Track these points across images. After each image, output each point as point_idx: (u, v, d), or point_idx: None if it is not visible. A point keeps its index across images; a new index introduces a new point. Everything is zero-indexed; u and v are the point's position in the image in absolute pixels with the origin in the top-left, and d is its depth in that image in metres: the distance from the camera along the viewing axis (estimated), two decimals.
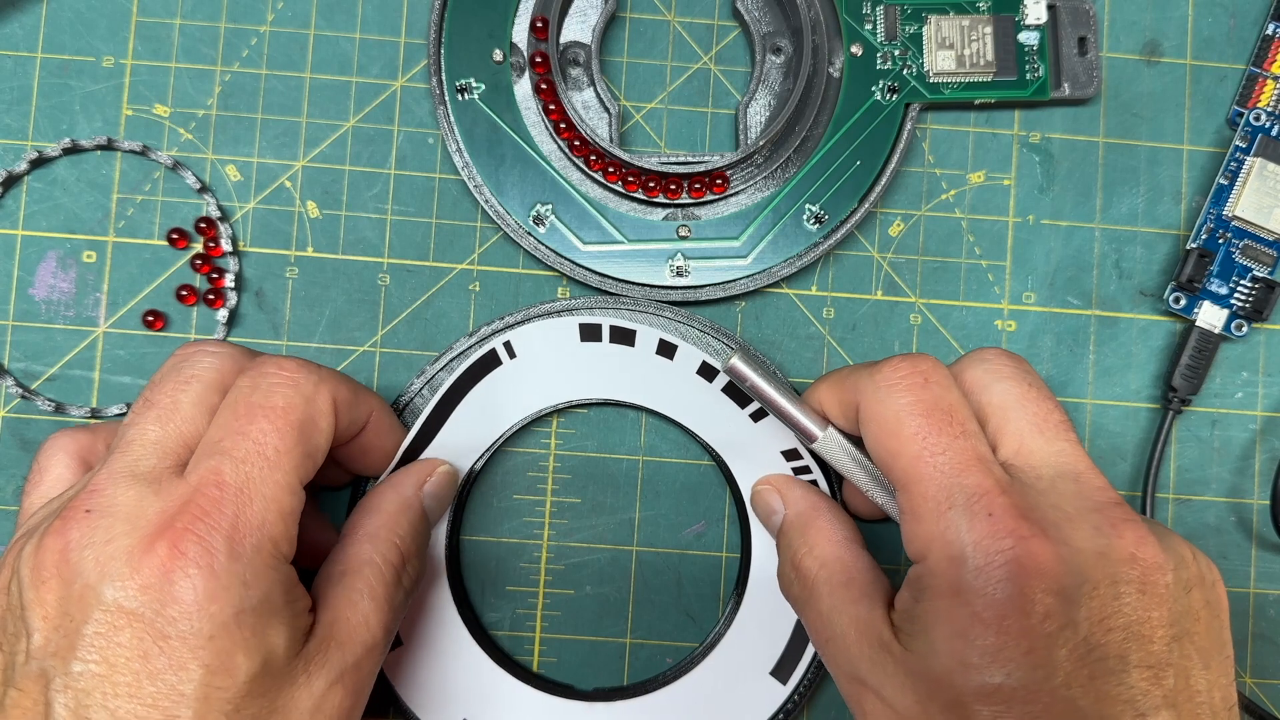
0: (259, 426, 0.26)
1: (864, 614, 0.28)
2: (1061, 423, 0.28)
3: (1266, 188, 0.36)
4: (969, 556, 0.25)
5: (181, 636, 0.24)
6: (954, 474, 0.26)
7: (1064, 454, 0.27)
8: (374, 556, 0.29)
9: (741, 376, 0.31)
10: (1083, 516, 0.26)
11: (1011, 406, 0.28)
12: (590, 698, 0.34)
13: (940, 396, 0.27)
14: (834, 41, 0.36)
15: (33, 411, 0.35)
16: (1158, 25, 0.38)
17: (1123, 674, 0.24)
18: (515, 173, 0.35)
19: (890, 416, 0.27)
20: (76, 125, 0.36)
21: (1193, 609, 0.26)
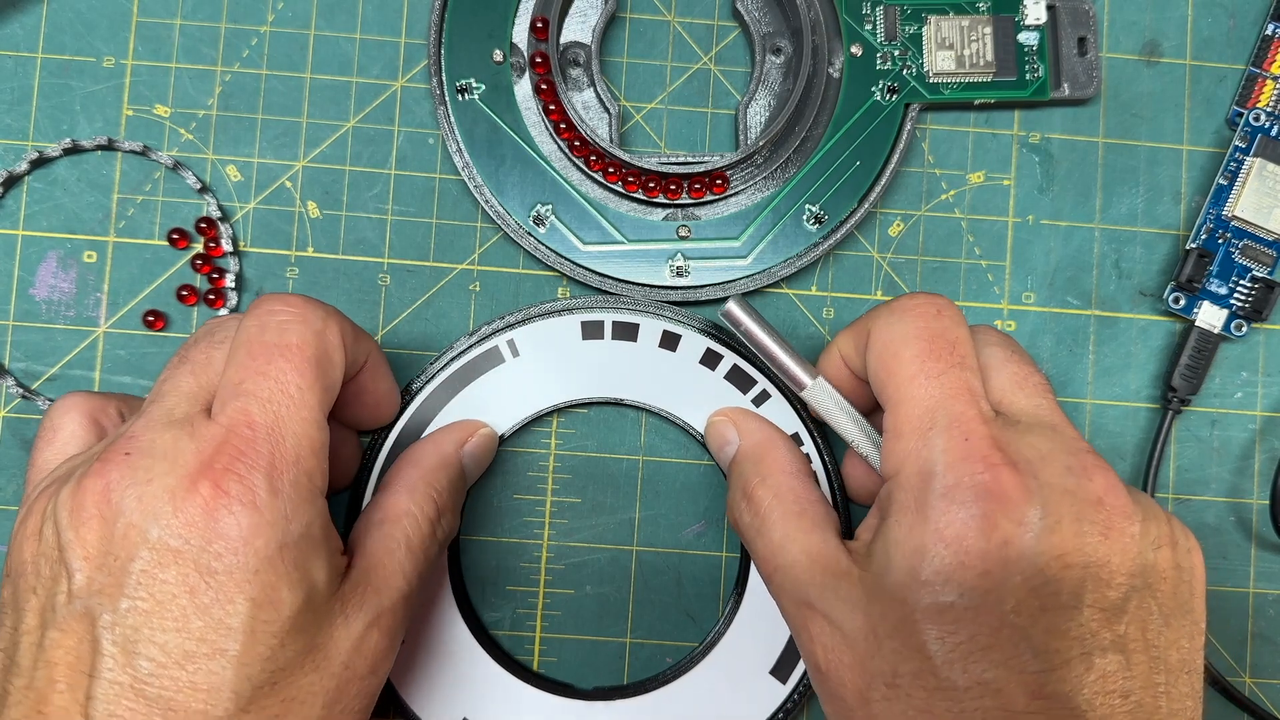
0: (278, 366, 0.26)
1: (817, 543, 0.28)
2: (1042, 384, 0.29)
3: (1266, 188, 0.36)
4: (939, 474, 0.26)
5: (228, 571, 0.24)
6: (942, 398, 0.27)
7: (1042, 408, 0.28)
8: (411, 507, 0.30)
9: (737, 320, 0.31)
10: (1056, 458, 0.26)
11: (995, 366, 0.29)
12: (590, 697, 0.34)
13: (948, 328, 0.28)
14: (834, 42, 0.36)
15: (33, 411, 0.35)
16: (1157, 25, 0.38)
17: (1074, 611, 0.25)
18: (515, 173, 0.35)
19: (895, 338, 0.28)
20: (77, 125, 0.36)
21: (1160, 566, 0.26)
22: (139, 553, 0.24)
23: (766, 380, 0.35)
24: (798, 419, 0.35)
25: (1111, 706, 0.24)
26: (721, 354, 0.35)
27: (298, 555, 0.25)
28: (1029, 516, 0.25)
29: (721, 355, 0.35)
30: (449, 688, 0.34)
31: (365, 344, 0.31)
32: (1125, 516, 0.26)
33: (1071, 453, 0.26)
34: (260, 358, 0.26)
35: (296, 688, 0.25)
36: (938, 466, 0.26)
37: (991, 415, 0.27)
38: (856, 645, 0.26)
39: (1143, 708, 0.25)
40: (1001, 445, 0.26)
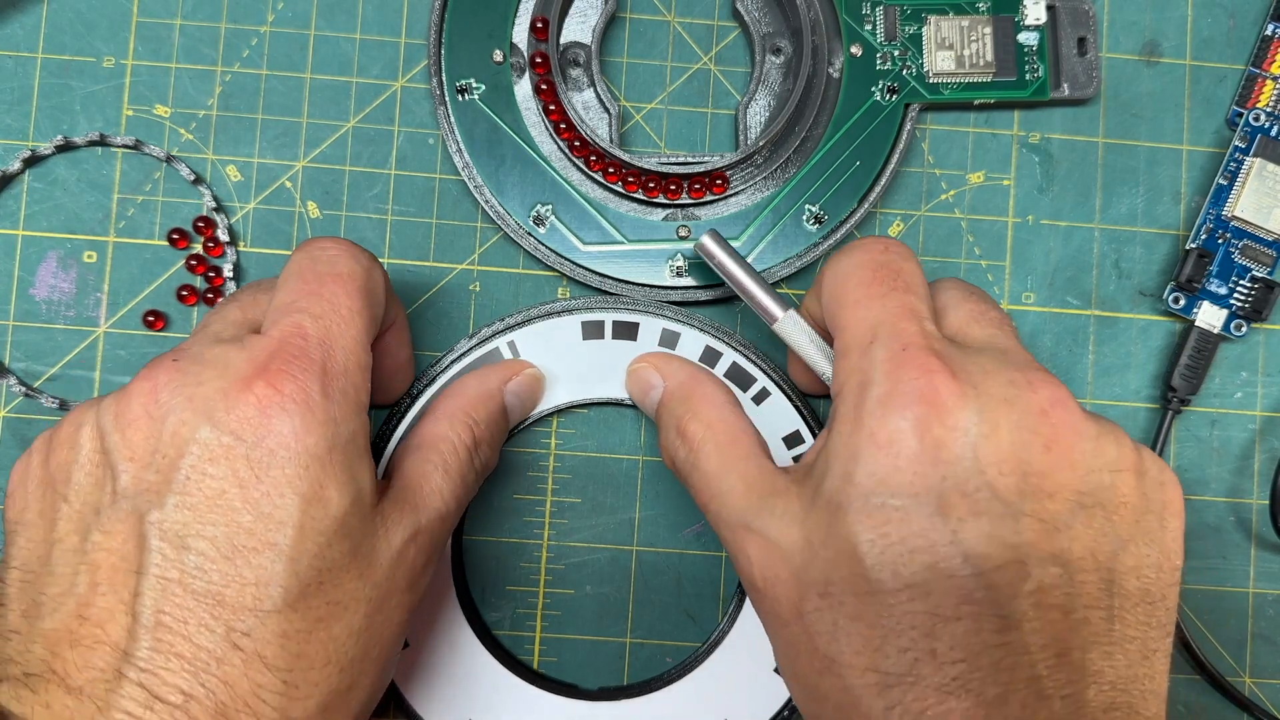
0: (330, 289, 0.27)
1: (752, 468, 0.28)
2: (1000, 319, 0.29)
3: (1266, 188, 0.36)
4: (876, 383, 0.26)
5: (280, 465, 0.25)
6: (885, 318, 0.27)
7: (997, 338, 0.28)
8: (449, 434, 0.31)
9: (710, 254, 0.32)
10: (1000, 372, 0.26)
11: (953, 304, 0.29)
12: (594, 697, 0.34)
13: (893, 260, 0.28)
14: (834, 42, 0.36)
15: (35, 411, 0.35)
16: (1157, 25, 0.38)
17: (1009, 519, 0.24)
18: (515, 173, 0.35)
19: (843, 270, 0.29)
20: (77, 126, 0.36)
21: (1119, 490, 0.26)
22: (188, 449, 0.25)
23: (765, 378, 0.35)
24: (798, 416, 0.35)
25: (1049, 620, 0.24)
26: (721, 351, 0.35)
27: (345, 458, 0.26)
28: (964, 421, 0.25)
29: (721, 353, 0.35)
30: (453, 689, 0.34)
31: (397, 304, 0.32)
32: (1073, 431, 0.25)
33: (1018, 368, 0.26)
34: (312, 282, 0.28)
35: (342, 591, 0.26)
36: (875, 375, 0.26)
37: (935, 334, 0.27)
38: (792, 559, 0.26)
39: (1087, 625, 0.24)
40: (941, 355, 0.26)
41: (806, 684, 0.26)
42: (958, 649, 0.23)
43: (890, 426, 0.25)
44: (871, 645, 0.24)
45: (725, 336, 0.35)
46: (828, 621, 0.25)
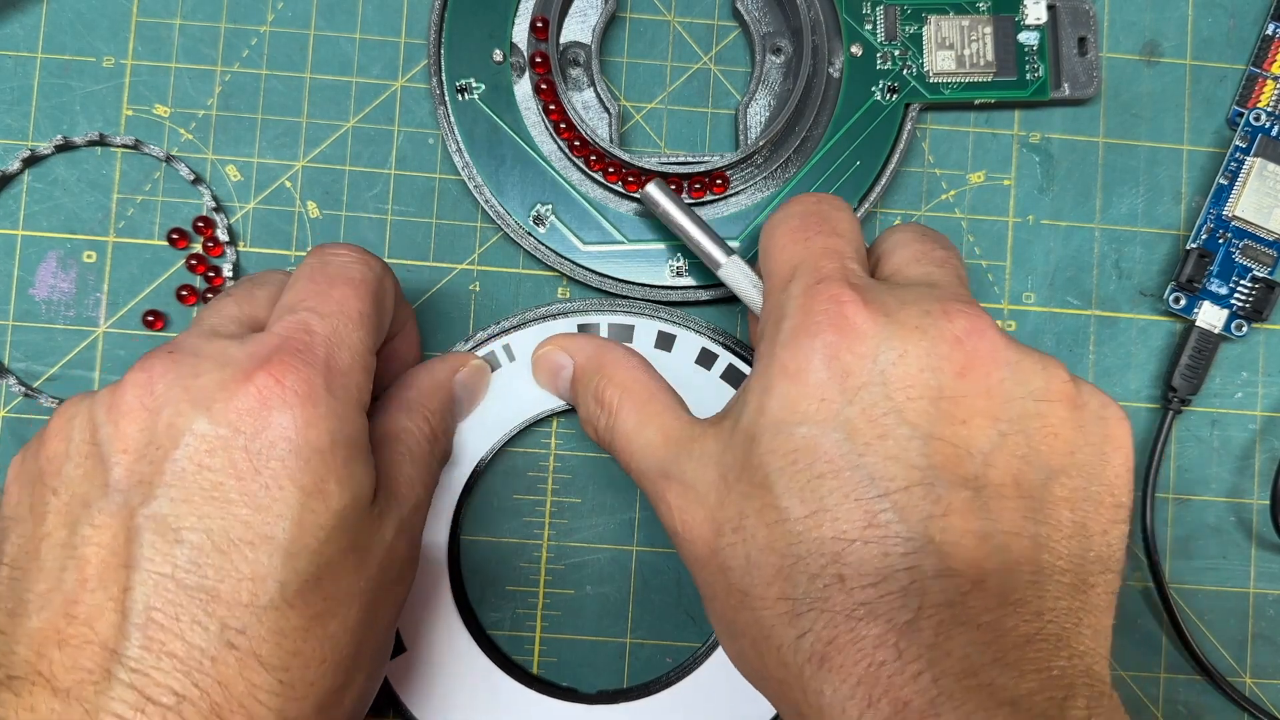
0: (340, 291, 0.27)
1: (670, 420, 0.29)
2: (943, 258, 0.28)
3: (1266, 188, 0.36)
4: (789, 315, 0.26)
5: (280, 458, 0.24)
6: (806, 257, 0.27)
7: (931, 275, 0.27)
8: (410, 425, 0.30)
9: (655, 202, 0.32)
10: (917, 303, 0.26)
11: (900, 246, 0.29)
12: (593, 700, 0.34)
13: (822, 209, 0.28)
14: (834, 42, 0.36)
15: (34, 411, 0.35)
16: (1157, 25, 0.38)
17: (916, 441, 0.24)
18: (515, 173, 0.35)
19: (775, 220, 0.29)
20: (77, 125, 0.36)
21: (1047, 420, 0.25)
22: (184, 441, 0.24)
23: None
24: None
25: (962, 546, 0.23)
26: (717, 354, 0.35)
27: (347, 454, 0.26)
28: (871, 348, 0.24)
29: (717, 355, 0.35)
30: (451, 693, 0.34)
31: (406, 310, 0.32)
32: (988, 359, 0.25)
33: (938, 300, 0.26)
34: (322, 283, 0.27)
35: (338, 587, 0.25)
36: (789, 308, 0.26)
37: (856, 270, 0.27)
38: (708, 499, 0.26)
39: (1007, 551, 0.24)
40: (855, 287, 0.26)
41: (725, 621, 0.26)
42: (866, 574, 0.23)
43: (800, 355, 0.25)
44: (781, 574, 0.24)
45: (722, 338, 0.35)
46: (740, 555, 0.25)
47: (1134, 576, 0.37)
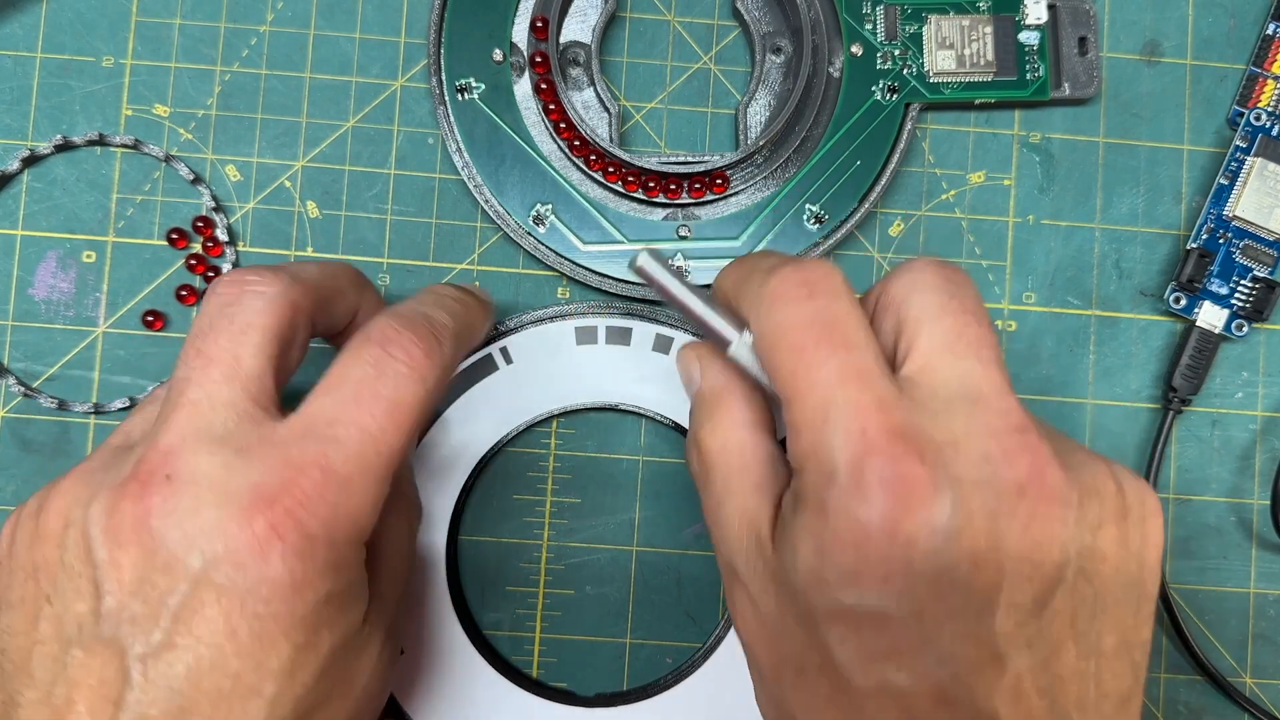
0: (380, 423, 0.25)
1: (751, 506, 0.26)
2: (977, 339, 0.25)
3: (1267, 188, 0.36)
4: (838, 474, 0.23)
5: (274, 616, 0.23)
6: (831, 388, 0.24)
7: (970, 374, 0.24)
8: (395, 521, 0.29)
9: (649, 277, 0.27)
10: (973, 443, 0.23)
11: (926, 320, 0.25)
12: (592, 703, 0.34)
13: (825, 308, 0.25)
14: (834, 41, 0.36)
15: (34, 411, 0.35)
16: (1158, 25, 0.38)
17: (987, 615, 0.23)
18: (515, 173, 0.35)
19: (771, 331, 0.25)
20: (77, 125, 0.36)
21: (1100, 549, 0.24)
22: (179, 585, 0.23)
23: None
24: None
25: (1028, 706, 0.23)
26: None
27: (343, 601, 0.25)
28: (935, 515, 0.22)
29: None
30: (450, 696, 0.33)
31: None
32: (1054, 502, 0.23)
33: (992, 434, 0.23)
34: (366, 406, 0.25)
35: (325, 714, 0.25)
36: (837, 466, 0.23)
37: (893, 399, 0.24)
38: (770, 625, 0.25)
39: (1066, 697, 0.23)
40: (904, 433, 0.23)
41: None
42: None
43: (857, 524, 0.23)
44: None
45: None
46: (803, 700, 0.25)
47: None
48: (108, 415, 0.35)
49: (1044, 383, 0.37)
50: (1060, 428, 0.37)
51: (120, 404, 0.35)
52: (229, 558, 0.23)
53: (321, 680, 0.25)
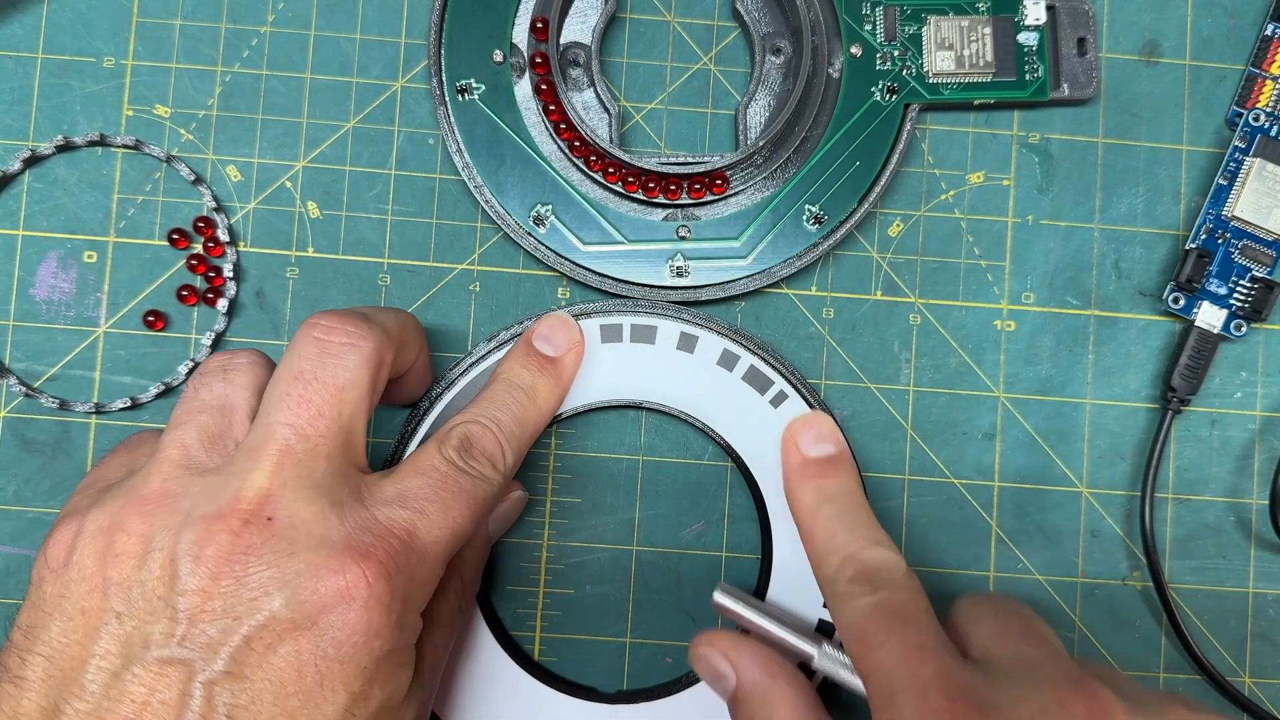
0: (460, 511, 0.28)
1: None
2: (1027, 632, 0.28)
3: (1265, 188, 0.36)
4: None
5: (341, 661, 0.25)
6: (897, 663, 0.26)
7: (1027, 656, 0.27)
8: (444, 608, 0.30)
9: (727, 610, 0.31)
10: (1031, 697, 0.25)
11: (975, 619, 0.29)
12: (614, 700, 0.34)
13: (890, 598, 0.28)
14: (833, 42, 0.36)
15: (35, 411, 0.35)
16: (1157, 26, 0.38)
17: None
18: (515, 173, 0.35)
19: (846, 623, 0.28)
20: (77, 126, 0.36)
21: None
22: (258, 619, 0.24)
23: (783, 381, 0.35)
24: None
25: None
26: (739, 355, 0.35)
27: (399, 660, 0.26)
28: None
29: (739, 356, 0.35)
30: (473, 691, 0.34)
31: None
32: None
33: (1051, 686, 0.25)
34: (451, 494, 0.28)
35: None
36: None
37: (954, 667, 0.26)
38: None
39: None
40: (965, 693, 0.25)
41: None
42: None
43: None
44: None
45: (743, 340, 0.35)
46: None
47: (1134, 576, 0.37)
48: (108, 415, 0.35)
49: (1043, 383, 0.37)
50: (1059, 427, 0.37)
51: (121, 404, 0.35)
52: (314, 598, 0.24)
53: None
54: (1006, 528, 0.37)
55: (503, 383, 0.32)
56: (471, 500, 0.28)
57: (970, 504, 0.37)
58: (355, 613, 0.25)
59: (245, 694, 0.24)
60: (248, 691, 0.24)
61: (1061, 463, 0.37)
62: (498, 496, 0.30)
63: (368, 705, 0.25)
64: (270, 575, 0.24)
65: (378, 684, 0.26)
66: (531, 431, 0.32)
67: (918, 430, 0.37)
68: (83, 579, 0.25)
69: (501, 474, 0.30)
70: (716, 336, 0.35)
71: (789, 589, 0.34)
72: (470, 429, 0.30)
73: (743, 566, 0.36)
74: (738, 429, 0.35)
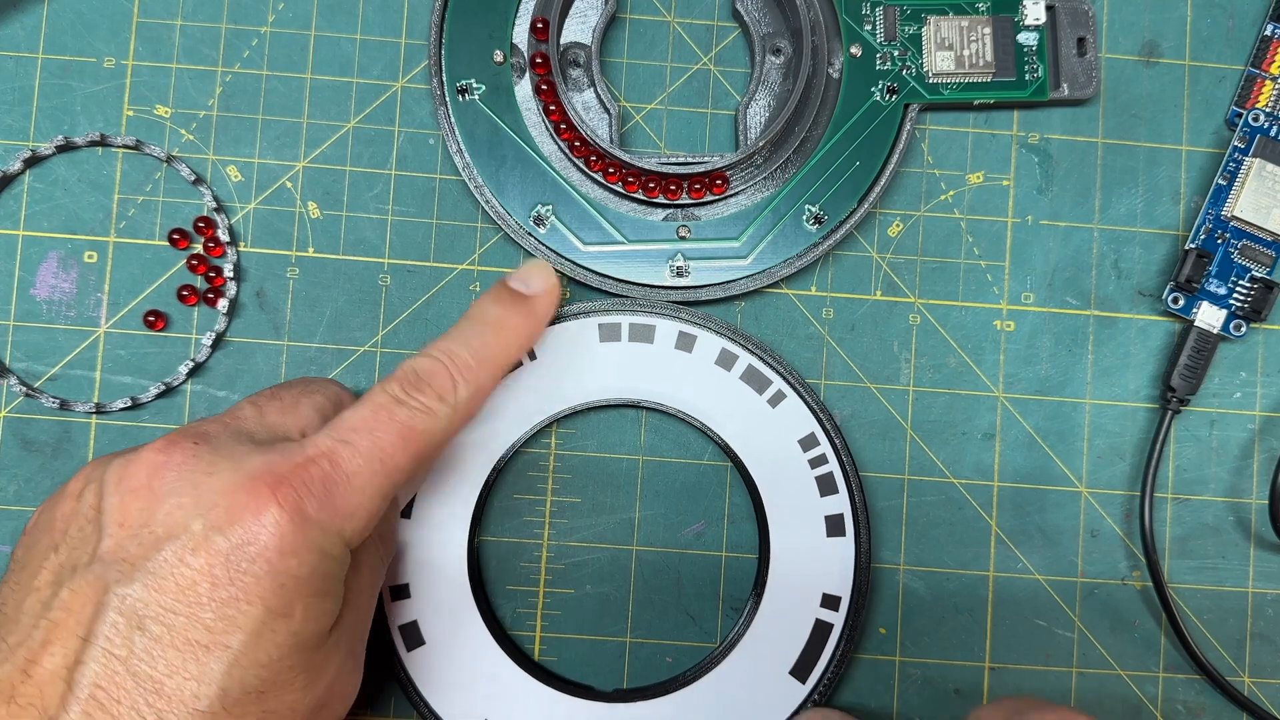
0: (390, 437, 0.28)
1: None
2: None
3: (1265, 188, 0.36)
4: None
5: (255, 576, 0.25)
6: None
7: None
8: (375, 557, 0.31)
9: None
10: None
11: None
12: (611, 698, 0.34)
13: None
14: (833, 42, 0.36)
15: (35, 411, 0.35)
16: (1156, 26, 0.38)
17: None
18: (516, 173, 0.35)
19: None
20: (78, 126, 0.36)
21: None
22: (176, 534, 0.25)
23: (781, 380, 0.35)
24: (813, 419, 0.35)
25: None
26: (737, 354, 0.35)
27: (320, 587, 0.26)
28: None
29: (737, 355, 0.35)
30: (470, 689, 0.34)
31: None
32: None
33: None
34: (381, 421, 0.28)
35: (280, 701, 0.26)
36: None
37: None
38: None
39: None
40: None
41: None
42: None
43: None
44: None
45: (741, 339, 0.35)
46: None
47: (1133, 576, 0.37)
48: (109, 415, 0.35)
49: (1042, 383, 0.37)
50: (1059, 427, 0.37)
51: (121, 404, 0.35)
52: (228, 518, 0.25)
53: (285, 657, 0.25)
54: (1006, 527, 0.37)
55: (468, 316, 0.32)
56: (406, 431, 0.28)
57: (970, 504, 0.37)
58: (267, 530, 0.25)
59: (159, 605, 0.24)
60: (162, 602, 0.24)
61: (1061, 463, 0.37)
62: (449, 429, 0.29)
63: (288, 626, 0.25)
64: (187, 489, 0.25)
65: (299, 606, 0.25)
66: (494, 365, 0.31)
67: (917, 430, 0.37)
68: (39, 527, 0.27)
69: (451, 407, 0.29)
70: (715, 336, 0.35)
71: (787, 588, 0.35)
72: (419, 363, 0.30)
73: (742, 566, 0.36)
74: (735, 428, 0.35)
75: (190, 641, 0.24)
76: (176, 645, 0.24)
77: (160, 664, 0.24)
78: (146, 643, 0.24)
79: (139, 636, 0.24)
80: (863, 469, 0.36)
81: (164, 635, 0.24)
